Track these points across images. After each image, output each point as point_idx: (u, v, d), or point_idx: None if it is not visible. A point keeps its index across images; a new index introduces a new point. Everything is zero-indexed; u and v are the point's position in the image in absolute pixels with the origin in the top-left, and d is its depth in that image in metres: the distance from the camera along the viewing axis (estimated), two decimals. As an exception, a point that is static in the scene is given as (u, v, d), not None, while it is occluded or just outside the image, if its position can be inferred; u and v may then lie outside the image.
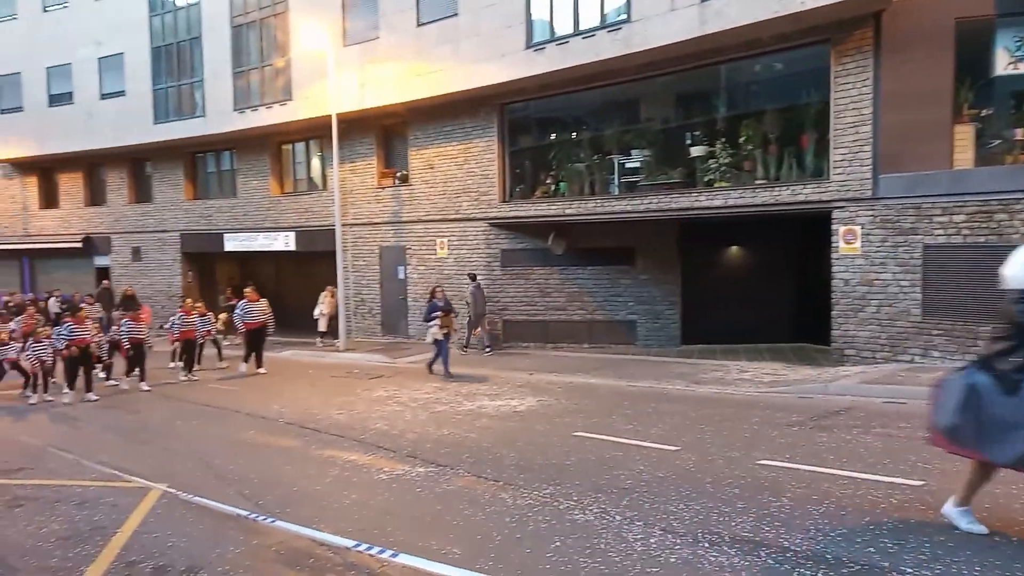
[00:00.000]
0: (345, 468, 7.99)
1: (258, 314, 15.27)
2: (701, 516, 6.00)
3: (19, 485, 8.00)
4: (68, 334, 13.13)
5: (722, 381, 12.15)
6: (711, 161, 14.29)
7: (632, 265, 16.23)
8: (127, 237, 25.46)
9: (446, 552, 5.49)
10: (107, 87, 23.94)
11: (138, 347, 14.07)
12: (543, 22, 15.50)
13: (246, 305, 15.28)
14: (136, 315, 14.45)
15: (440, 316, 13.77)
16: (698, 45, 13.53)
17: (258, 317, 15.24)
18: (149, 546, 5.95)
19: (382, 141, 19.88)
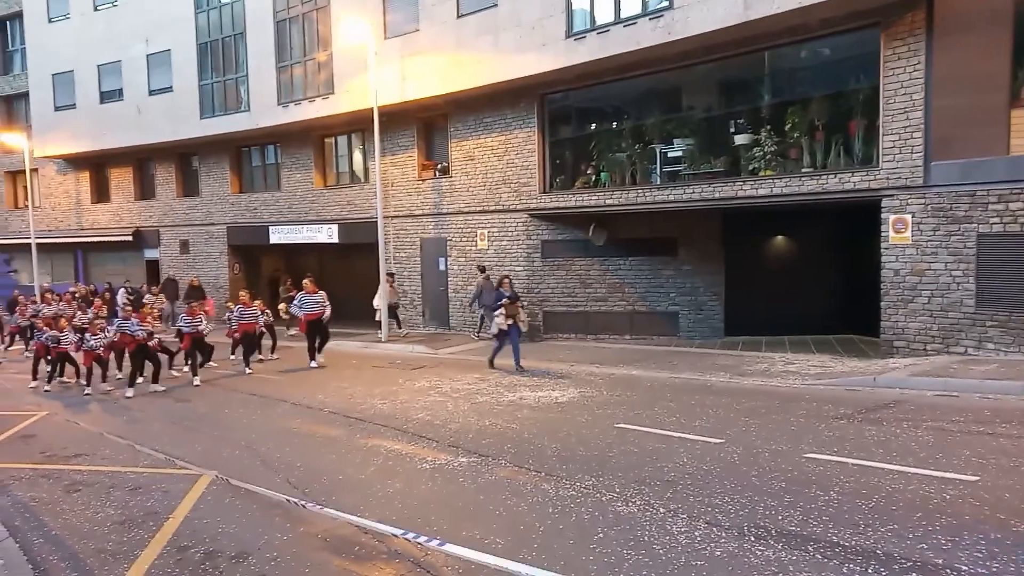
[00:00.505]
0: (388, 457, 8.08)
1: (316, 306, 15.08)
2: (747, 509, 5.93)
3: (76, 471, 8.27)
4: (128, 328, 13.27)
5: (767, 373, 11.97)
6: (756, 149, 14.03)
7: (674, 256, 16.06)
8: (175, 230, 26.04)
9: (489, 542, 5.52)
10: (155, 83, 24.44)
11: (198, 341, 14.16)
12: (583, 11, 15.38)
13: (304, 296, 15.19)
14: (191, 310, 14.49)
15: (505, 304, 13.31)
16: (742, 31, 13.28)
17: (315, 309, 15.06)
18: (200, 531, 6.10)
19: (422, 133, 19.96)
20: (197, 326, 14.06)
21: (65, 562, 5.66)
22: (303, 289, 15.57)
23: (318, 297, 15.18)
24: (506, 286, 13.67)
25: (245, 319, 15.06)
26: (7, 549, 5.93)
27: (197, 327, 14.05)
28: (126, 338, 13.25)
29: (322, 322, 15.08)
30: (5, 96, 30.72)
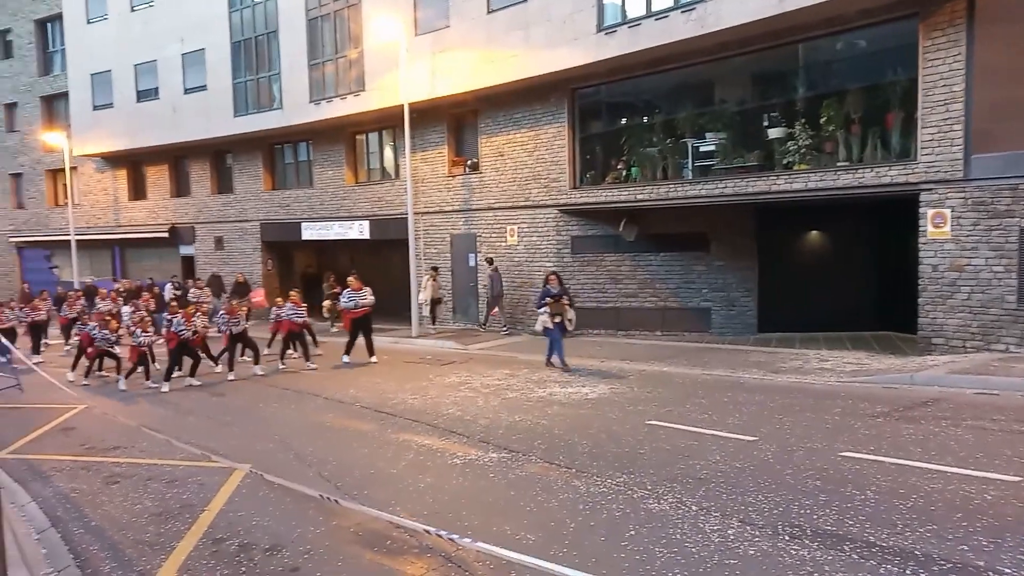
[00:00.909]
0: (420, 452, 8.12)
1: (361, 302, 14.80)
2: (781, 508, 5.86)
3: (115, 463, 8.45)
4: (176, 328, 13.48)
5: (801, 370, 11.80)
6: (790, 143, 13.82)
7: (706, 251, 15.89)
8: (210, 227, 26.43)
9: (520, 538, 5.52)
10: (190, 82, 24.81)
11: (240, 336, 14.34)
12: (614, 5, 15.27)
13: (350, 293, 14.96)
14: (232, 308, 14.56)
15: (549, 303, 12.83)
16: (776, 24, 13.09)
17: (362, 305, 14.80)
18: (234, 524, 6.19)
19: (452, 129, 20.01)
20: (235, 325, 14.25)
21: (105, 552, 5.78)
22: (348, 286, 15.23)
23: (364, 293, 14.93)
24: (553, 282, 13.12)
25: (292, 317, 14.96)
26: (49, 539, 6.07)
27: (236, 326, 14.26)
28: (170, 334, 13.54)
29: (369, 319, 14.93)
30: (46, 96, 31.40)
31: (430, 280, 18.77)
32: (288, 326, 15.02)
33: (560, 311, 12.86)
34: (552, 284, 13.09)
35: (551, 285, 13.08)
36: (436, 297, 18.73)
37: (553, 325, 12.84)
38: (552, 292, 12.96)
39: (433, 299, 18.63)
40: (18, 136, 32.60)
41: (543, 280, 13.62)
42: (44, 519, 6.57)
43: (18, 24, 31.84)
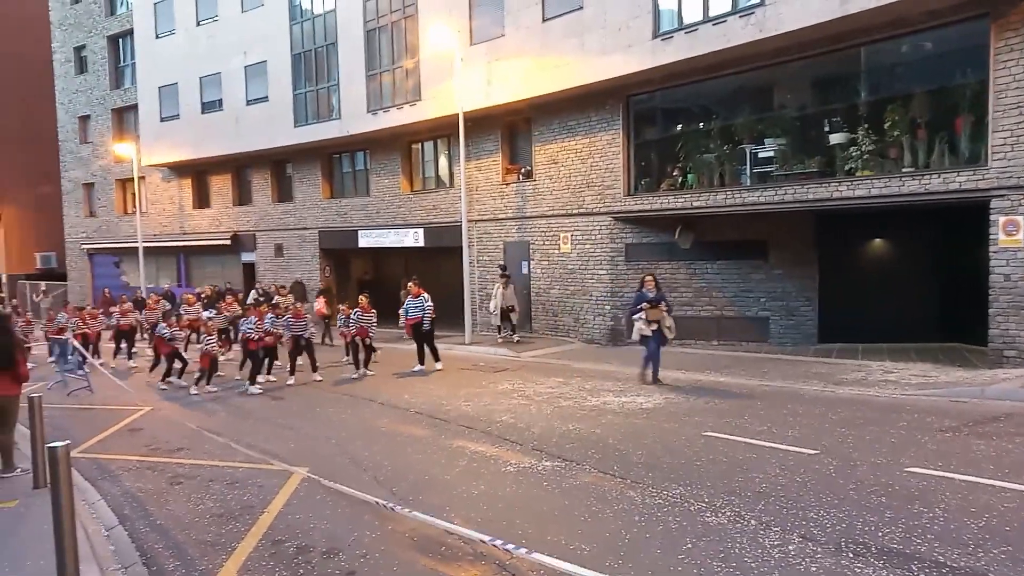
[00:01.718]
0: (473, 459, 8.14)
1: (418, 309, 14.60)
2: (844, 524, 5.69)
3: (178, 464, 8.69)
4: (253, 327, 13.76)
5: (864, 382, 11.46)
6: (852, 149, 13.47)
7: (764, 259, 15.57)
8: (270, 234, 27.07)
9: (574, 548, 5.48)
10: (252, 93, 25.51)
11: (297, 341, 14.38)
12: (671, 11, 15.13)
13: (410, 300, 14.84)
14: (297, 311, 14.55)
15: (646, 308, 11.75)
16: (838, 27, 12.79)
17: (418, 312, 14.58)
18: (293, 526, 6.30)
19: (506, 137, 20.09)
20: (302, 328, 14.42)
21: (169, 551, 5.94)
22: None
23: (421, 300, 14.68)
24: (649, 285, 11.94)
25: (363, 323, 14.81)
26: (117, 536, 6.27)
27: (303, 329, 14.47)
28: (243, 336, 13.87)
29: (422, 326, 14.61)
30: (116, 108, 32.67)
31: (501, 288, 17.92)
32: (360, 332, 14.74)
33: (658, 318, 11.75)
34: (648, 287, 11.95)
35: (647, 288, 11.98)
36: (508, 305, 17.94)
37: (651, 333, 11.80)
38: (648, 297, 11.85)
39: (505, 307, 17.87)
40: (91, 147, 34.00)
41: (639, 283, 12.47)
42: (112, 517, 6.78)
43: (92, 40, 33.24)
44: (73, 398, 13.80)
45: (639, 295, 12.15)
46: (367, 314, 14.87)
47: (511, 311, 17.88)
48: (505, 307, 17.68)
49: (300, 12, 23.86)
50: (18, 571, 5.38)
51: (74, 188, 35.19)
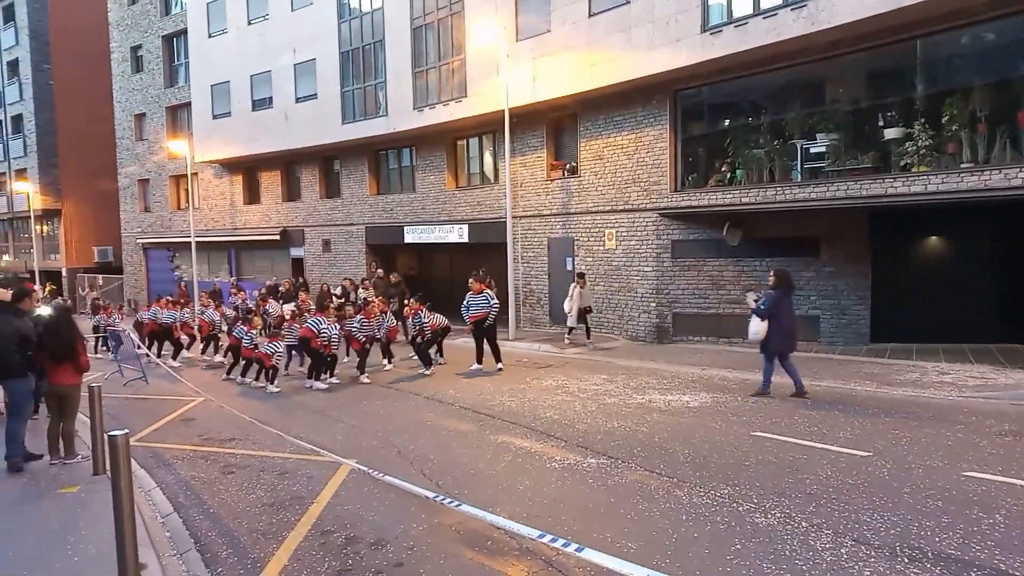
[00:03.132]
0: (518, 454, 8.16)
1: (479, 307, 14.11)
2: (899, 528, 5.55)
3: (230, 453, 8.90)
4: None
5: (919, 383, 11.15)
6: (908, 144, 13.09)
7: (815, 256, 15.25)
8: (318, 230, 27.49)
9: (620, 545, 5.45)
10: (301, 91, 25.91)
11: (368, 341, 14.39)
12: (719, 5, 14.90)
13: (471, 297, 14.26)
14: (368, 311, 14.49)
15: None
16: (894, 19, 12.45)
17: (482, 309, 14.08)
18: (342, 517, 6.39)
19: (552, 133, 20.05)
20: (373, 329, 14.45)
21: (222, 538, 6.08)
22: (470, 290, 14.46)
23: (486, 296, 14.22)
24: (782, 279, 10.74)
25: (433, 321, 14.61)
26: (173, 523, 6.45)
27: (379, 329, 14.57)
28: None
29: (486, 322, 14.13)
30: (171, 106, 33.50)
31: (577, 288, 16.80)
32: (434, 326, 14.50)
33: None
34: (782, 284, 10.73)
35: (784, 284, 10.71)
36: (585, 306, 16.98)
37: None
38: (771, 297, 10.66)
39: (582, 308, 16.88)
40: (146, 144, 34.94)
41: (774, 276, 10.87)
42: (167, 504, 6.98)
43: (147, 40, 34.13)
44: (129, 388, 14.22)
45: (767, 295, 10.73)
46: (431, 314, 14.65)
47: (587, 312, 17.03)
48: (582, 308, 16.82)
49: (348, 10, 24.13)
50: (80, 554, 5.57)
51: (130, 184, 36.23)
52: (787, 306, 10.70)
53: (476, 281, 14.35)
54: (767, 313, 10.50)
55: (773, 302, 10.52)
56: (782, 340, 10.55)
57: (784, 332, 10.56)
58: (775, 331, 10.48)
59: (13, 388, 8.25)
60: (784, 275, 10.92)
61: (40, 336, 8.32)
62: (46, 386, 8.56)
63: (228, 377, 14.84)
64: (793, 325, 10.84)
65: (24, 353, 8.19)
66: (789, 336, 10.65)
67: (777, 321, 10.47)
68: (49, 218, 42.42)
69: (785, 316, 10.58)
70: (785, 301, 10.64)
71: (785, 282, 10.79)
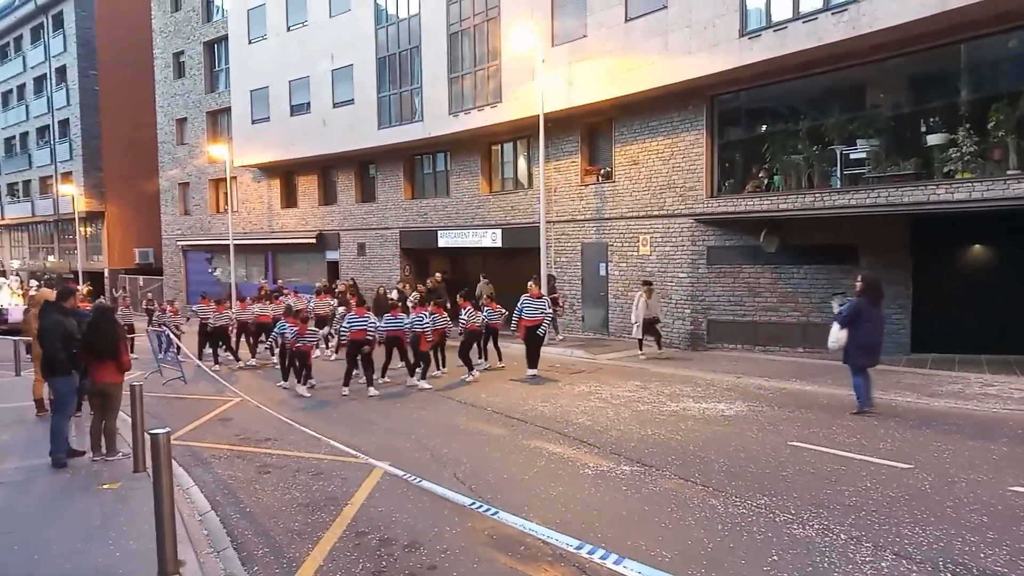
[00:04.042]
0: (551, 460, 8.13)
1: (537, 311, 13.77)
2: (941, 543, 5.42)
3: (267, 454, 9.00)
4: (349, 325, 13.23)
5: (961, 395, 10.89)
6: (952, 150, 12.83)
7: (854, 264, 14.96)
8: (353, 234, 27.75)
9: (655, 554, 5.41)
10: (339, 96, 26.20)
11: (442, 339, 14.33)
12: (758, 9, 14.75)
13: (526, 300, 13.90)
14: (438, 307, 14.24)
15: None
16: (937, 23, 12.20)
17: (537, 315, 13.76)
18: (375, 519, 6.43)
19: (586, 138, 20.01)
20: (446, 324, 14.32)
21: (258, 537, 6.16)
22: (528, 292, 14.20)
23: (542, 302, 14.03)
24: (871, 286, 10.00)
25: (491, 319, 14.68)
26: (210, 522, 6.54)
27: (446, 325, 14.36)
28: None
29: (538, 329, 13.84)
30: (211, 111, 34.11)
31: (644, 297, 15.77)
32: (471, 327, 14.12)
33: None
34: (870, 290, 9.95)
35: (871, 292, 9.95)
36: (651, 317, 15.90)
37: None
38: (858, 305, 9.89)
39: (648, 318, 15.80)
40: (187, 148, 35.62)
41: (861, 282, 10.13)
42: (205, 503, 7.08)
43: (190, 46, 34.82)
44: (168, 387, 14.49)
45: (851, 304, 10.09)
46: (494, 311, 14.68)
47: (655, 323, 16.02)
48: (648, 318, 15.80)
49: (385, 16, 24.37)
50: (122, 550, 5.67)
51: (171, 187, 36.95)
52: (873, 316, 9.81)
53: (535, 285, 14.21)
54: (846, 321, 9.81)
55: (854, 310, 9.80)
56: (862, 352, 9.76)
57: (864, 344, 9.73)
58: (854, 342, 9.75)
59: (58, 385, 8.47)
60: (872, 281, 10.06)
61: (84, 335, 8.53)
62: (89, 384, 8.75)
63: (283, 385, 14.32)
64: (877, 338, 9.93)
65: (69, 351, 8.39)
66: (870, 349, 9.80)
67: (858, 331, 9.70)
68: (93, 220, 43.46)
69: (867, 327, 9.72)
70: (872, 311, 9.78)
71: (873, 289, 9.93)
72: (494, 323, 15.02)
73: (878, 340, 9.95)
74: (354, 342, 13.05)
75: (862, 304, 9.80)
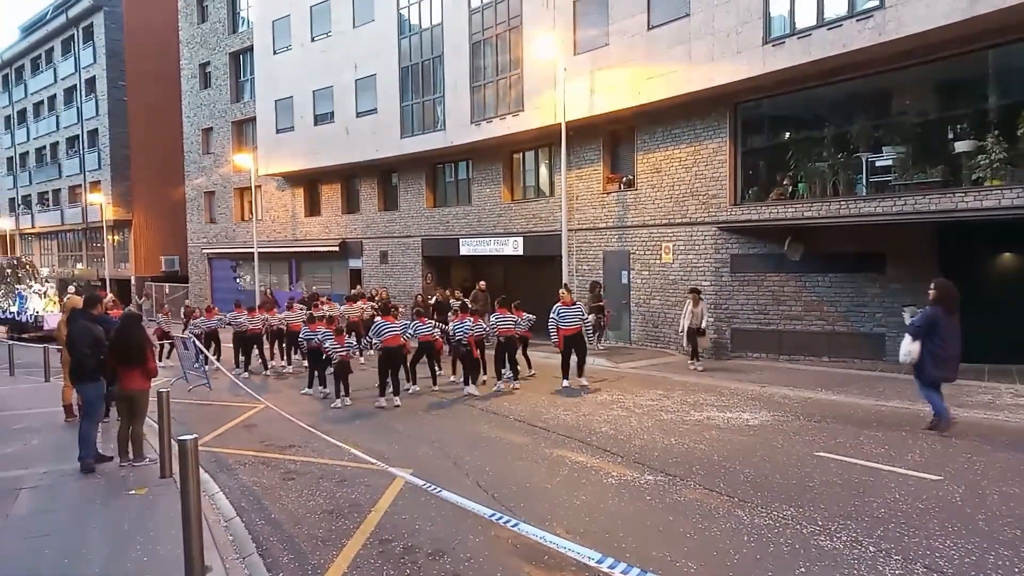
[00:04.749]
0: (574, 469, 8.10)
1: (574, 319, 13.43)
2: (974, 557, 5.32)
3: (291, 460, 9.06)
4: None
5: (992, 406, 10.72)
6: (980, 157, 12.65)
7: (881, 272, 14.80)
8: (376, 242, 27.92)
9: (680, 565, 5.36)
10: (362, 106, 26.41)
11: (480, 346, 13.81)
12: (782, 16, 14.68)
13: (561, 309, 13.50)
14: (477, 316, 13.96)
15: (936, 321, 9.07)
16: (965, 28, 12.06)
17: (575, 323, 13.44)
18: (399, 526, 6.44)
19: (608, 146, 19.98)
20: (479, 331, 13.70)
21: (283, 544, 6.19)
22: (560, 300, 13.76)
23: (578, 309, 13.76)
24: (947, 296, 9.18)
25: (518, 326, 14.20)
26: (235, 527, 6.59)
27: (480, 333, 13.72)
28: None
29: (581, 337, 13.61)
30: (236, 121, 34.52)
31: (691, 306, 15.15)
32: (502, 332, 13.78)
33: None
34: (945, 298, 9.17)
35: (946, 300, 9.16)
36: (697, 326, 15.20)
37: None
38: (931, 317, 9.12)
39: (691, 327, 15.16)
40: (212, 157, 36.07)
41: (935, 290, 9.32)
42: (230, 508, 7.13)
43: (216, 57, 35.30)
44: (193, 394, 14.63)
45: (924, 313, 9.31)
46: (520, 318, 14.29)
47: (700, 333, 15.28)
48: (693, 327, 15.18)
49: (408, 26, 24.55)
50: (150, 554, 5.73)
51: (196, 196, 37.42)
52: (948, 327, 9.05)
53: (567, 293, 13.87)
54: (920, 332, 9.11)
55: (928, 320, 9.08)
56: (937, 366, 9.05)
57: (939, 357, 9.01)
58: (928, 355, 9.03)
59: (86, 391, 8.60)
60: (947, 289, 9.23)
61: (111, 341, 8.64)
62: (116, 390, 8.86)
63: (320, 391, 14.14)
64: (954, 350, 9.11)
65: (97, 357, 8.51)
66: (946, 362, 9.07)
67: (932, 343, 9.00)
68: (120, 228, 44.15)
69: (942, 338, 9.00)
70: (947, 321, 9.04)
71: (948, 297, 9.16)
72: (524, 331, 14.70)
73: (956, 352, 9.14)
74: (386, 350, 12.64)
75: (937, 313, 9.05)
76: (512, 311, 14.14)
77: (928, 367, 9.08)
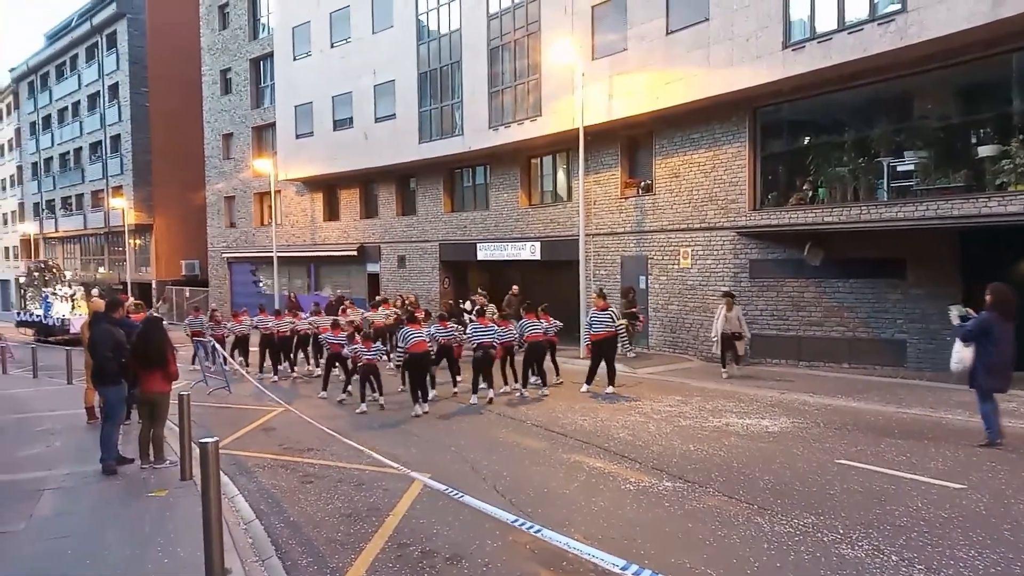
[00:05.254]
0: (591, 475, 8.08)
1: (603, 324, 13.28)
2: (1000, 567, 5.25)
3: (309, 464, 9.11)
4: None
5: (1015, 413, 10.56)
6: (1004, 162, 12.51)
7: (902, 278, 14.66)
8: (394, 247, 28.03)
9: (700, 573, 5.33)
10: (381, 111, 26.56)
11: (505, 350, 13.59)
12: (802, 21, 14.61)
13: (594, 314, 13.44)
14: (506, 321, 13.81)
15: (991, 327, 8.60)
16: (988, 32, 11.95)
17: (607, 327, 13.30)
18: (417, 531, 6.45)
19: (626, 151, 19.94)
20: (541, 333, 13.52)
21: (301, 547, 6.22)
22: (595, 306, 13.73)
23: (610, 314, 13.50)
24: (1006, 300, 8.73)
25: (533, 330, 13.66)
26: (255, 530, 6.63)
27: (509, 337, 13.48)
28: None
29: (613, 342, 13.52)
30: (256, 126, 34.83)
31: (724, 310, 14.46)
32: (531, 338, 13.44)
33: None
34: (1001, 303, 8.69)
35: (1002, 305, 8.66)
36: (732, 332, 14.46)
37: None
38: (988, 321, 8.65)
39: (725, 334, 14.44)
40: (232, 163, 36.42)
41: (990, 294, 8.83)
42: (249, 511, 7.17)
43: (236, 63, 35.67)
44: (213, 397, 14.74)
45: (982, 319, 8.76)
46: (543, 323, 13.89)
47: (736, 338, 14.52)
48: (729, 333, 14.46)
49: (427, 32, 24.68)
50: (170, 556, 5.78)
51: (217, 200, 37.78)
52: (1003, 333, 8.57)
53: (599, 298, 13.71)
54: (972, 337, 8.68)
55: (982, 326, 8.64)
56: (990, 375, 8.61)
57: (992, 366, 8.57)
58: (981, 363, 8.60)
59: (108, 394, 8.69)
60: (1003, 293, 8.74)
61: (133, 344, 8.74)
62: (138, 393, 8.96)
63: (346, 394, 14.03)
64: (1009, 358, 8.65)
65: (119, 360, 8.61)
66: (999, 371, 8.61)
67: (984, 350, 8.57)
68: (142, 232, 44.66)
69: (996, 345, 8.54)
70: (1002, 327, 8.58)
71: (1004, 301, 8.68)
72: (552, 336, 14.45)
73: (1010, 361, 8.70)
74: (412, 356, 12.31)
75: (991, 319, 8.59)
76: (539, 316, 13.91)
77: (980, 376, 8.69)
